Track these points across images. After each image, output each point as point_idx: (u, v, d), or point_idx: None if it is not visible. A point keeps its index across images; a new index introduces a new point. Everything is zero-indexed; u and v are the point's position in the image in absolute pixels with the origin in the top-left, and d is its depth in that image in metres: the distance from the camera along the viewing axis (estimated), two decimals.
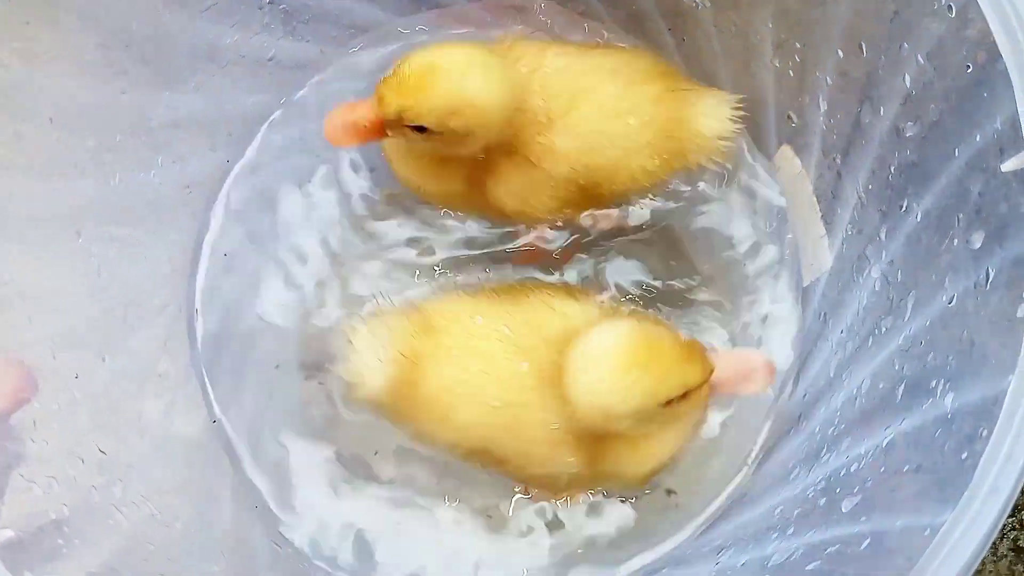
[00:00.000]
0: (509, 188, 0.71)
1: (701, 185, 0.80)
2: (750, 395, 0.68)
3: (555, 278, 0.80)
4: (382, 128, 0.64)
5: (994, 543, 0.85)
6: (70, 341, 0.65)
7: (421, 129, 0.62)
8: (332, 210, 0.83)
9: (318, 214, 0.83)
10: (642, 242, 0.80)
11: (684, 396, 0.59)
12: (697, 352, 0.61)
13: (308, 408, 0.80)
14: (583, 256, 0.80)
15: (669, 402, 0.59)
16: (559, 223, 0.78)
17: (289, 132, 0.85)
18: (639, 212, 0.79)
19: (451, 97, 0.61)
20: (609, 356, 0.58)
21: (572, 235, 0.79)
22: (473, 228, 0.80)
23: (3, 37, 0.56)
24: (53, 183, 0.64)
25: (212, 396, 0.80)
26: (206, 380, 0.80)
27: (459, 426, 0.66)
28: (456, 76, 0.61)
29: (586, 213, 0.77)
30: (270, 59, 0.81)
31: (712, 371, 0.61)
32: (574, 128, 0.69)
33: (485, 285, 0.77)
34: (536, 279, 0.79)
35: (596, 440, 0.64)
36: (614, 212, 0.79)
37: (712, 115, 0.73)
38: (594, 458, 0.65)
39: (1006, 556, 0.82)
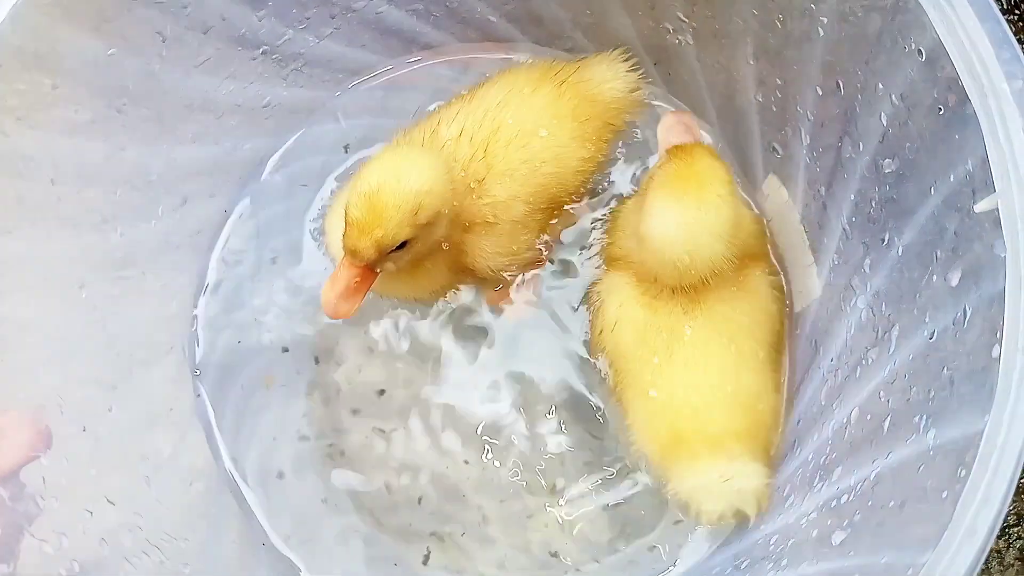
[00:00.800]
0: (488, 253, 0.74)
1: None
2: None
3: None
4: (371, 272, 0.67)
5: (1000, 551, 0.86)
6: (78, 392, 0.67)
7: (402, 245, 0.65)
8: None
9: (314, 254, 0.84)
10: None
11: None
12: None
13: (314, 442, 0.82)
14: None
15: None
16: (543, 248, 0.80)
17: (286, 174, 0.87)
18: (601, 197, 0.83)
19: (407, 200, 0.64)
20: None
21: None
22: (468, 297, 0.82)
23: (4, 105, 0.58)
24: (56, 241, 0.65)
25: (218, 435, 0.82)
26: (211, 419, 0.82)
27: None
28: (398, 183, 0.63)
29: (554, 221, 0.79)
30: (265, 106, 0.83)
31: None
32: (503, 173, 0.72)
33: None
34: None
35: None
36: (582, 204, 0.82)
37: (611, 79, 0.78)
38: None
39: (1013, 565, 0.83)
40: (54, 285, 0.66)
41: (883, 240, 0.64)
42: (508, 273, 0.79)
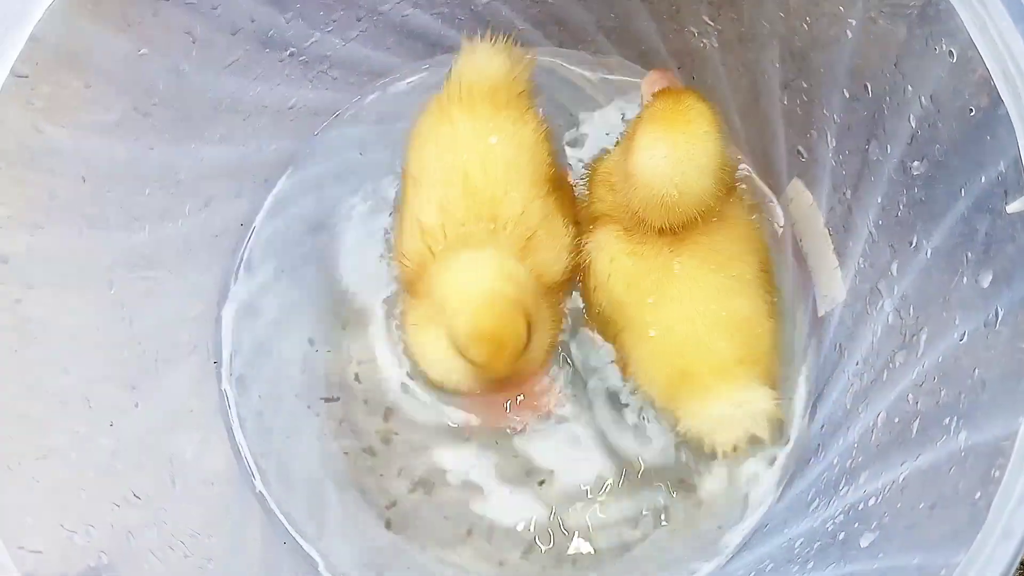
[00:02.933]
0: (551, 261, 0.75)
1: None
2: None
3: None
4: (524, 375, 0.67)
5: None
6: (104, 388, 0.67)
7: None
8: (357, 248, 0.85)
9: (344, 252, 0.85)
10: None
11: None
12: None
13: (333, 443, 0.82)
14: None
15: None
16: None
17: (311, 175, 0.87)
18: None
19: (508, 311, 0.64)
20: None
21: None
22: None
23: (35, 102, 0.59)
24: (86, 238, 0.66)
25: (241, 435, 0.82)
26: (234, 419, 0.82)
27: None
28: (487, 305, 0.63)
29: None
30: (291, 107, 0.83)
31: None
32: (506, 190, 0.73)
33: None
34: None
35: None
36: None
37: (488, 64, 0.77)
38: None
39: None
40: (84, 282, 0.66)
41: (911, 243, 0.63)
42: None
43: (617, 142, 0.81)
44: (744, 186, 0.82)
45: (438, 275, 0.66)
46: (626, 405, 0.79)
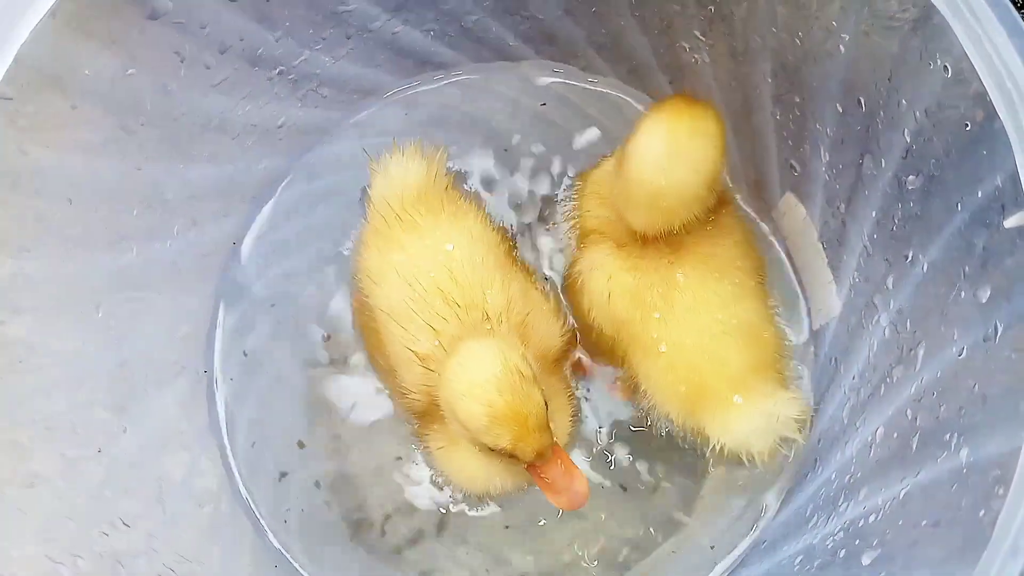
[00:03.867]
0: (545, 335, 0.74)
1: None
2: None
3: None
4: (558, 446, 0.65)
5: None
6: (92, 413, 0.66)
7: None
8: (346, 267, 0.84)
9: (334, 272, 0.84)
10: None
11: None
12: None
13: (325, 463, 0.81)
14: None
15: None
16: None
17: (300, 193, 0.86)
18: None
19: (516, 385, 0.62)
20: None
21: None
22: None
23: (23, 124, 0.58)
24: (73, 260, 0.65)
25: (231, 457, 0.81)
26: (225, 443, 0.81)
27: None
28: (494, 385, 0.61)
29: None
30: (280, 126, 0.82)
31: None
32: (479, 289, 0.72)
33: None
34: None
35: None
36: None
37: (406, 172, 0.75)
38: None
39: None
40: (70, 304, 0.65)
41: (907, 257, 0.63)
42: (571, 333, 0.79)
43: (609, 154, 0.80)
44: (739, 196, 0.82)
45: (442, 385, 0.65)
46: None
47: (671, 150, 0.65)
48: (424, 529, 0.79)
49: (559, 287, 0.82)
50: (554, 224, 0.85)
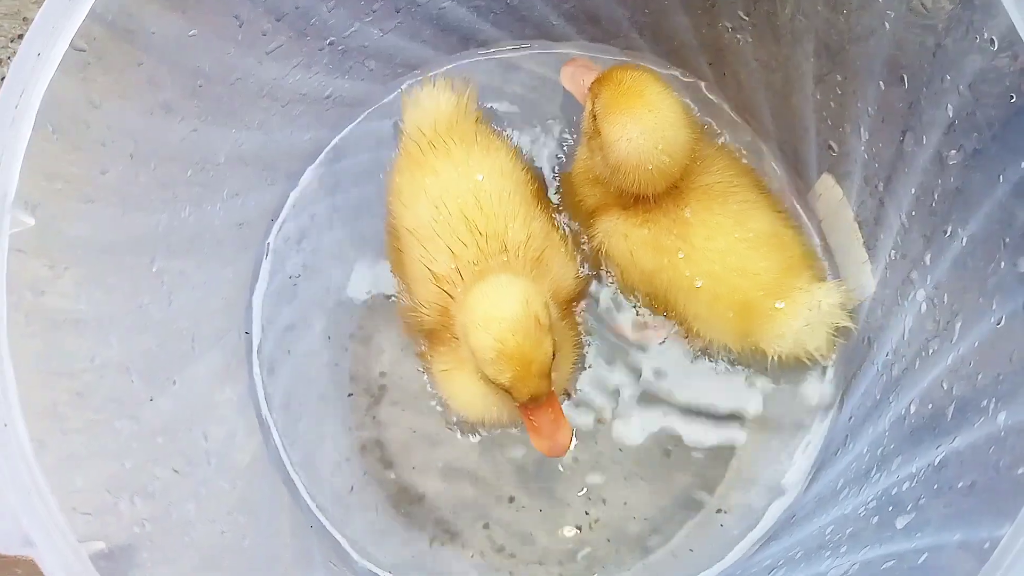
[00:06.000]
0: (567, 272, 0.78)
1: None
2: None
3: None
4: (552, 395, 0.67)
5: None
6: (144, 363, 0.68)
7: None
8: (382, 239, 0.85)
9: (372, 244, 0.86)
10: None
11: None
12: None
13: (359, 431, 0.83)
14: None
15: None
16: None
17: (342, 165, 0.88)
18: None
19: (528, 325, 0.64)
20: None
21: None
22: None
23: (93, 77, 0.60)
24: (131, 215, 0.67)
25: (269, 421, 0.83)
26: (263, 405, 0.83)
27: None
28: (509, 321, 0.64)
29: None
30: (327, 96, 0.84)
31: None
32: (507, 222, 0.75)
33: None
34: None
35: None
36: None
37: (438, 103, 0.80)
38: None
39: None
40: (129, 256, 0.67)
41: (945, 232, 0.64)
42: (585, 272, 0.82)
43: (572, 147, 0.84)
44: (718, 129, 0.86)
45: (462, 308, 0.67)
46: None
47: (652, 133, 0.70)
48: (459, 494, 0.81)
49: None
50: None
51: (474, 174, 0.75)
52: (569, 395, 0.80)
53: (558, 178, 0.86)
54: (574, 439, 0.79)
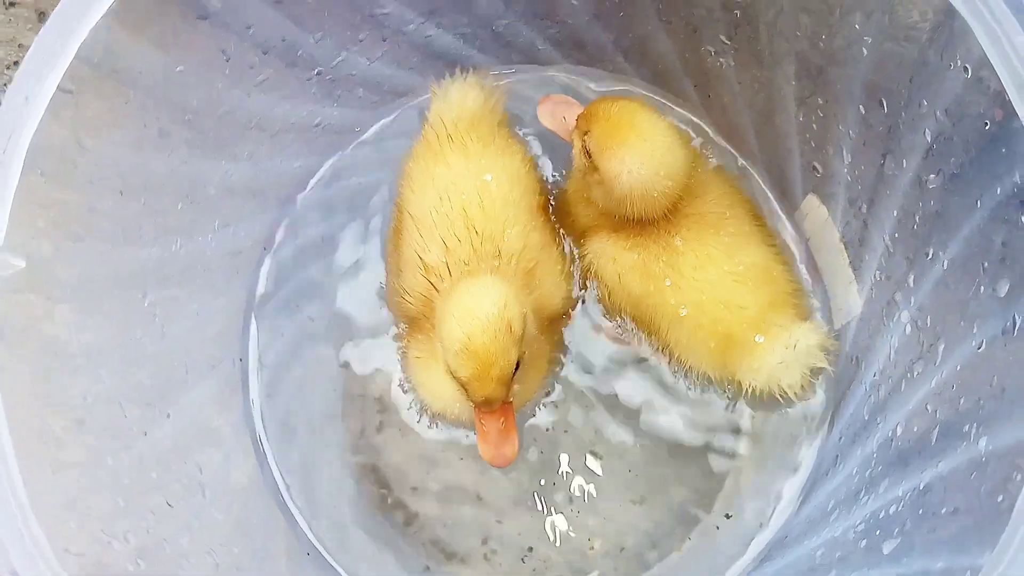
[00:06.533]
0: (555, 291, 0.78)
1: None
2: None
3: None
4: (508, 404, 0.69)
5: None
6: (138, 398, 0.68)
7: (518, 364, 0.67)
8: (379, 263, 0.86)
9: (366, 268, 0.87)
10: None
11: None
12: None
13: (353, 457, 0.83)
14: None
15: None
16: None
17: (333, 190, 0.89)
18: None
19: (499, 327, 0.65)
20: None
21: None
22: None
23: (81, 118, 0.61)
24: (122, 250, 0.68)
25: (265, 447, 0.83)
26: (259, 432, 0.84)
27: None
28: (480, 319, 0.65)
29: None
30: (316, 125, 0.85)
31: None
32: (504, 226, 0.76)
33: None
34: None
35: None
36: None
37: (465, 98, 0.80)
38: None
39: None
40: (119, 292, 0.68)
41: (927, 254, 0.65)
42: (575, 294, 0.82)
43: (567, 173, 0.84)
44: (707, 149, 0.86)
45: (443, 301, 0.68)
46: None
47: (652, 162, 0.70)
48: (456, 517, 0.81)
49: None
50: None
51: (484, 173, 0.76)
52: (534, 413, 0.81)
53: (554, 196, 0.86)
54: (571, 458, 0.80)
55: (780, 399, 0.74)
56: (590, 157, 0.72)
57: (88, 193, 0.63)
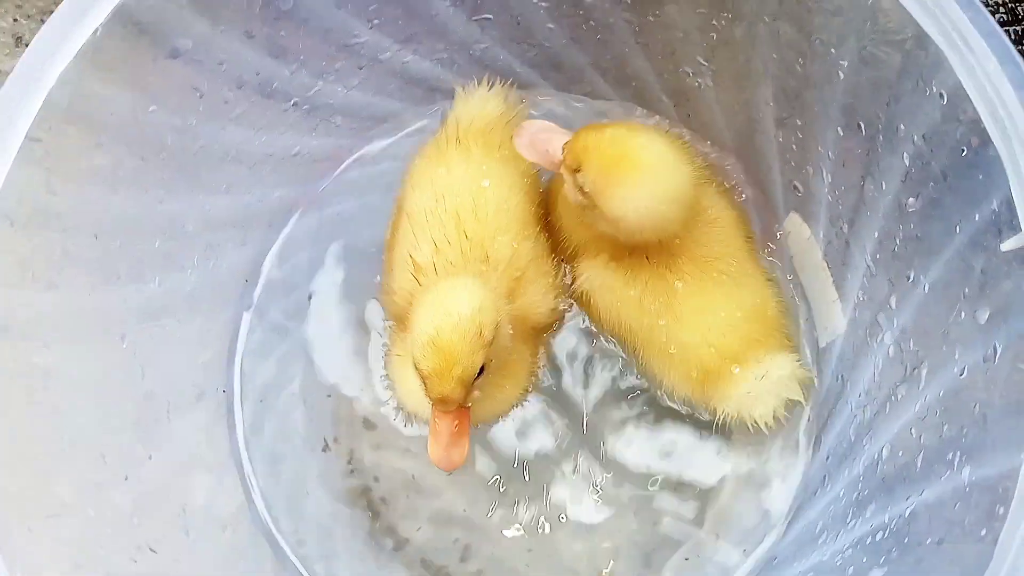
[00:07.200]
0: (540, 302, 0.77)
1: None
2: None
3: None
4: (465, 409, 0.67)
5: None
6: (119, 441, 0.68)
7: (482, 369, 0.65)
8: (364, 291, 0.86)
9: (350, 296, 0.86)
10: None
11: None
12: None
13: (342, 484, 0.83)
14: None
15: None
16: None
17: (315, 221, 0.89)
18: None
19: (468, 328, 0.64)
20: None
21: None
22: None
23: (51, 164, 0.60)
24: (98, 292, 0.67)
25: (251, 479, 0.83)
26: (245, 465, 0.83)
27: None
28: (452, 316, 0.64)
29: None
30: (295, 155, 0.85)
31: None
32: (497, 233, 0.75)
33: None
34: None
35: None
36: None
37: (483, 107, 0.81)
38: None
39: None
40: (96, 335, 0.67)
41: (908, 277, 0.65)
42: (563, 306, 0.81)
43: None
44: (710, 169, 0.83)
45: (422, 294, 0.69)
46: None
47: (657, 191, 0.67)
48: (447, 539, 0.81)
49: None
50: None
51: (483, 179, 0.76)
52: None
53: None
54: (560, 480, 0.80)
55: (751, 429, 0.73)
56: (585, 195, 0.69)
57: (61, 239, 0.63)
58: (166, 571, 0.65)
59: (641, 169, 0.67)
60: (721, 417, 0.74)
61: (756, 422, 0.73)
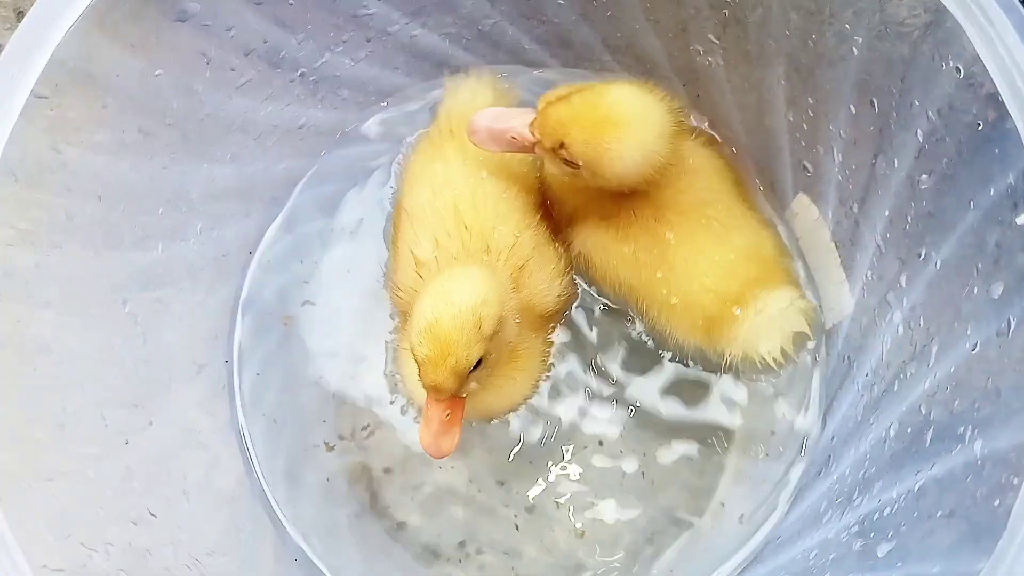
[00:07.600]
0: (546, 289, 0.77)
1: None
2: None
3: None
4: (459, 400, 0.67)
5: None
6: (119, 406, 0.67)
7: (479, 362, 0.65)
8: (365, 265, 0.85)
9: (352, 271, 0.86)
10: None
11: None
12: None
13: (343, 457, 0.82)
14: None
15: None
16: None
17: (318, 193, 0.88)
18: None
19: (467, 319, 0.63)
20: None
21: None
22: None
23: (56, 123, 0.59)
24: (102, 257, 0.66)
25: (252, 452, 0.82)
26: (244, 437, 0.83)
27: None
28: (453, 306, 0.63)
29: None
30: (300, 126, 0.84)
31: None
32: (498, 222, 0.75)
33: None
34: None
35: None
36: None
37: (473, 96, 0.81)
38: None
39: None
40: (99, 300, 0.67)
41: (920, 255, 0.64)
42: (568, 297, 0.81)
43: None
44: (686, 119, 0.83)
45: (436, 277, 0.68)
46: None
47: (636, 141, 0.68)
48: (447, 519, 0.80)
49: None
50: None
51: (480, 170, 0.75)
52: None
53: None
54: (561, 460, 0.79)
55: (759, 365, 0.73)
56: (574, 166, 0.69)
57: (66, 200, 0.62)
58: (166, 537, 0.64)
59: (627, 123, 0.68)
60: (729, 360, 0.74)
61: (764, 359, 0.73)
